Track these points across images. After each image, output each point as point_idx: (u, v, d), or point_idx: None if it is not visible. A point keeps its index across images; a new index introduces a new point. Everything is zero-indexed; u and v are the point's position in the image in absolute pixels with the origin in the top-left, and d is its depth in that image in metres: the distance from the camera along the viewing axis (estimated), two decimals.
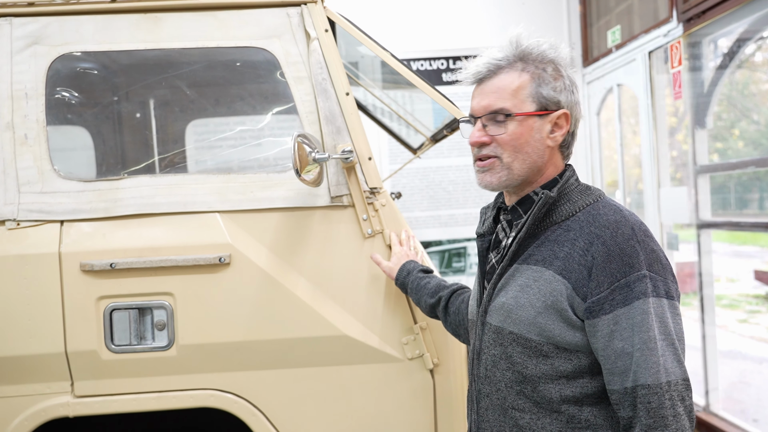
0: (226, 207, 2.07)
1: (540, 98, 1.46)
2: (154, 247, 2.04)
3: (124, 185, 2.07)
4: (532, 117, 1.47)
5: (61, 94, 2.36)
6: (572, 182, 1.50)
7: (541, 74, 1.46)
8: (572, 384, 1.41)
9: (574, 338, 1.40)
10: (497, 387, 1.49)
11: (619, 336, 1.34)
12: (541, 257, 1.44)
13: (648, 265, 1.35)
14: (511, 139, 1.47)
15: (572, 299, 1.38)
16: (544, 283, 1.42)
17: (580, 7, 5.38)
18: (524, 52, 1.48)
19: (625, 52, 4.65)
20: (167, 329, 2.04)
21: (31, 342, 2.01)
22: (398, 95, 3.35)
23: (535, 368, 1.43)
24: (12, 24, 2.06)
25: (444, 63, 5.35)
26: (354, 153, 2.04)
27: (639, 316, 1.33)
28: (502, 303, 1.48)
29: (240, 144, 3.00)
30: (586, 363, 1.41)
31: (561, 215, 1.46)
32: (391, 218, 2.12)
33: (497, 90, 1.48)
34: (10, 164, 2.03)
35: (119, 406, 2.06)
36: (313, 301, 2.07)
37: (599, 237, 1.38)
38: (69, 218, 2.05)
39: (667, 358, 1.32)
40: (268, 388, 2.08)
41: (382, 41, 5.23)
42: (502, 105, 1.47)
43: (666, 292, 1.36)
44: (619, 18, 4.90)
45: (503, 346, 1.47)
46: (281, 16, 2.12)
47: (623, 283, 1.34)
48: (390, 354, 2.09)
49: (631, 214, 1.44)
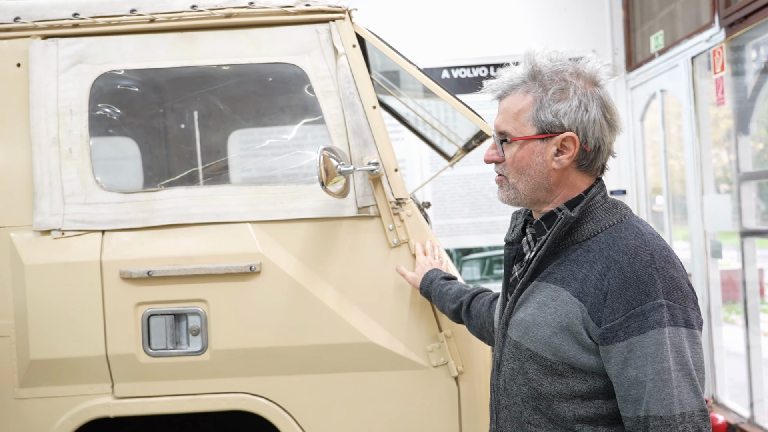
0: (257, 217, 2.15)
1: (539, 122, 1.45)
2: (188, 255, 2.13)
3: (160, 197, 2.17)
4: (532, 140, 1.46)
5: (102, 109, 2.49)
6: (598, 200, 1.47)
7: (543, 97, 1.44)
8: (587, 404, 1.41)
9: (588, 360, 1.39)
10: (515, 400, 1.50)
11: (633, 364, 1.32)
12: (560, 276, 1.43)
13: (666, 293, 1.33)
14: (513, 162, 1.49)
15: (587, 323, 1.37)
16: (560, 303, 1.41)
17: (623, 12, 5.34)
18: (535, 71, 1.46)
19: (668, 58, 4.59)
20: (201, 334, 2.13)
21: (74, 345, 2.12)
22: (436, 104, 3.40)
23: (549, 386, 1.43)
24: (58, 44, 2.18)
25: (485, 70, 5.37)
26: (380, 165, 2.10)
27: (653, 346, 1.31)
28: (521, 319, 1.48)
29: (271, 156, 3.09)
30: (601, 385, 1.40)
31: (583, 235, 1.45)
32: (416, 228, 2.16)
33: (503, 112, 1.50)
34: (56, 177, 2.15)
35: (156, 407, 2.16)
36: (341, 308, 2.13)
37: (617, 262, 1.36)
38: (109, 228, 2.15)
39: (683, 389, 1.30)
40: (297, 393, 2.15)
41: (424, 48, 5.28)
42: (505, 128, 1.49)
43: (685, 321, 1.33)
44: (662, 23, 4.84)
45: (521, 361, 1.48)
46: (310, 33, 2.19)
47: (638, 311, 1.32)
48: (415, 361, 2.14)
49: (655, 238, 1.41)
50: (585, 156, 1.46)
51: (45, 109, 2.16)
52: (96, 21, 2.18)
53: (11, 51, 2.19)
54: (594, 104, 1.44)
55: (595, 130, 1.44)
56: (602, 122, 1.45)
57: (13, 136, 2.17)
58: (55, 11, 2.18)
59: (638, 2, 5.25)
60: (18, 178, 2.16)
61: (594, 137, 1.45)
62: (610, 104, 1.47)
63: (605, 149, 1.48)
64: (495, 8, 5.40)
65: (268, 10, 2.18)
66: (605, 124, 1.46)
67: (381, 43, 2.26)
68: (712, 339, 4.24)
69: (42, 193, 2.14)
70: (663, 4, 4.86)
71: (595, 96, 1.45)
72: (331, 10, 2.18)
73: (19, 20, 2.18)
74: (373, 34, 2.25)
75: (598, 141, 1.45)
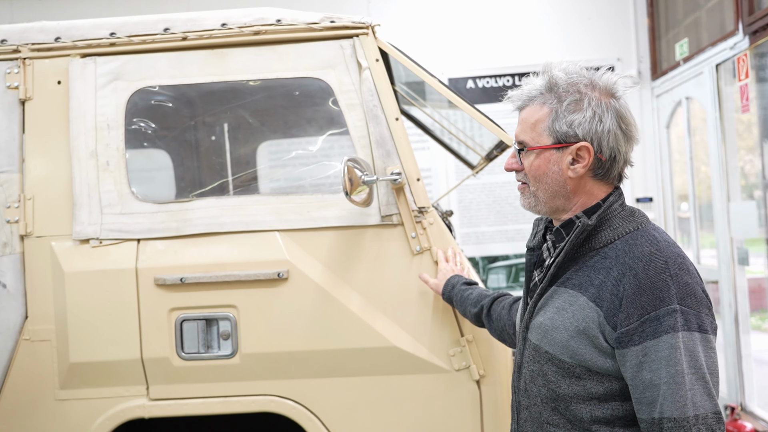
0: (285, 226, 2.24)
1: (555, 132, 1.50)
2: (219, 263, 2.22)
3: (193, 206, 2.26)
4: (548, 150, 1.52)
5: (138, 124, 2.60)
6: (615, 208, 1.52)
7: (559, 108, 1.50)
8: (603, 406, 1.46)
9: (605, 363, 1.44)
10: (534, 401, 1.55)
11: (648, 368, 1.37)
12: (578, 282, 1.49)
13: (680, 299, 1.37)
14: (531, 170, 1.55)
15: (603, 327, 1.43)
16: (578, 308, 1.46)
17: (648, 20, 5.35)
18: (552, 82, 1.52)
19: (693, 65, 4.61)
20: (231, 339, 2.22)
21: (111, 349, 2.22)
22: (460, 114, 3.46)
23: (567, 388, 1.48)
24: (96, 63, 2.29)
25: (510, 80, 5.42)
26: (403, 175, 2.17)
27: (667, 350, 1.35)
28: (540, 323, 1.54)
29: (297, 167, 3.18)
30: (618, 387, 1.45)
31: (600, 242, 1.50)
32: (438, 236, 2.23)
33: (522, 122, 1.56)
34: (94, 188, 2.26)
35: (189, 408, 2.25)
36: (365, 314, 2.20)
37: (632, 269, 1.41)
38: (144, 237, 2.26)
39: (696, 392, 1.34)
40: (324, 395, 2.22)
41: (449, 58, 5.35)
42: (522, 138, 1.55)
43: (699, 326, 1.37)
44: (687, 31, 4.85)
45: (540, 364, 1.54)
46: (335, 48, 2.27)
47: (653, 316, 1.37)
48: (438, 365, 2.20)
49: (670, 245, 1.45)
50: (600, 165, 1.51)
51: (84, 124, 2.27)
52: (131, 40, 2.29)
53: (52, 69, 2.31)
54: (609, 115, 1.49)
55: (610, 140, 1.49)
56: (617, 132, 1.49)
57: (54, 150, 2.29)
58: (93, 31, 2.30)
59: (663, 10, 5.26)
60: (58, 189, 2.28)
61: (609, 147, 1.49)
62: (626, 115, 1.51)
63: (621, 159, 1.52)
64: (520, 18, 5.45)
65: (294, 27, 2.27)
66: (620, 135, 1.50)
67: (403, 57, 2.33)
68: (740, 346, 4.23)
69: (81, 204, 2.25)
70: (687, 11, 4.87)
71: (611, 107, 1.49)
72: (355, 26, 2.27)
73: (59, 40, 2.30)
74: (396, 48, 2.33)
75: (614, 151, 1.50)
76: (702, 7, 4.65)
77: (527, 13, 5.45)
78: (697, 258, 4.80)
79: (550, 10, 5.45)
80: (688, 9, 4.86)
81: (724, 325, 4.30)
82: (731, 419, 4.00)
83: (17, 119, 2.30)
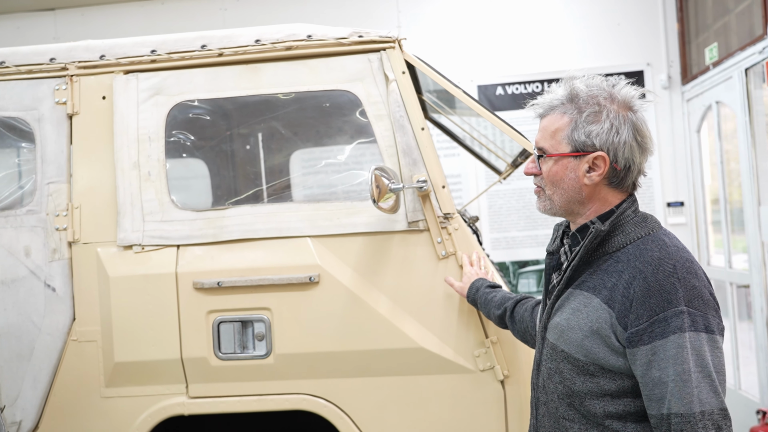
0: (316, 232, 2.34)
1: (573, 141, 1.59)
2: (254, 267, 2.33)
3: (229, 214, 2.38)
4: (566, 157, 1.60)
5: (177, 136, 2.73)
6: (628, 214, 1.60)
7: (578, 119, 1.58)
8: (616, 402, 1.53)
9: (617, 362, 1.52)
10: (551, 397, 1.64)
11: (657, 366, 1.44)
12: (592, 284, 1.57)
13: (687, 301, 1.45)
14: (548, 176, 1.64)
15: (615, 327, 1.51)
16: (592, 309, 1.55)
17: (677, 25, 5.36)
18: (573, 94, 1.60)
19: (722, 69, 4.61)
20: (266, 340, 2.32)
21: (152, 349, 2.35)
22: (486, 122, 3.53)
23: (582, 385, 1.56)
24: (138, 78, 2.43)
25: (539, 86, 5.46)
26: (428, 182, 2.26)
27: (674, 349, 1.42)
28: (557, 323, 1.63)
29: (328, 176, 3.29)
30: (629, 384, 1.52)
31: (613, 246, 1.58)
32: (463, 241, 2.31)
33: (543, 129, 1.65)
34: (137, 197, 2.39)
35: (226, 406, 2.36)
36: (393, 316, 2.29)
37: (642, 272, 1.48)
38: (184, 243, 2.38)
39: (702, 389, 1.41)
40: (354, 394, 2.32)
41: (478, 65, 5.40)
42: (542, 145, 1.64)
43: (705, 327, 1.44)
44: (716, 35, 4.86)
45: (557, 362, 1.62)
46: (363, 62, 2.37)
47: (661, 317, 1.44)
48: (463, 366, 2.28)
49: (680, 250, 1.52)
50: (615, 174, 1.59)
51: (127, 137, 2.40)
52: (171, 56, 2.42)
53: (97, 85, 2.45)
54: (625, 127, 1.57)
55: (626, 151, 1.57)
56: (633, 144, 1.58)
57: (99, 161, 2.43)
58: (135, 48, 2.44)
59: (692, 15, 5.27)
60: (104, 198, 2.42)
61: (624, 157, 1.58)
62: (642, 128, 1.59)
63: (635, 169, 1.61)
64: (549, 25, 5.49)
65: (324, 42, 2.38)
66: (636, 146, 1.58)
67: (427, 68, 2.42)
68: None
69: (125, 212, 2.38)
70: (717, 16, 4.87)
71: (627, 120, 1.58)
72: (382, 40, 2.37)
73: (104, 57, 2.44)
74: (421, 60, 2.42)
75: (628, 161, 1.58)
76: (731, 11, 4.65)
77: (556, 20, 5.49)
78: (729, 262, 4.79)
79: (579, 17, 5.48)
80: (717, 13, 4.87)
81: (756, 329, 4.29)
82: (762, 423, 3.99)
83: (65, 133, 2.44)
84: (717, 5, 4.87)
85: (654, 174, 5.36)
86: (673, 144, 5.39)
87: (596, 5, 5.48)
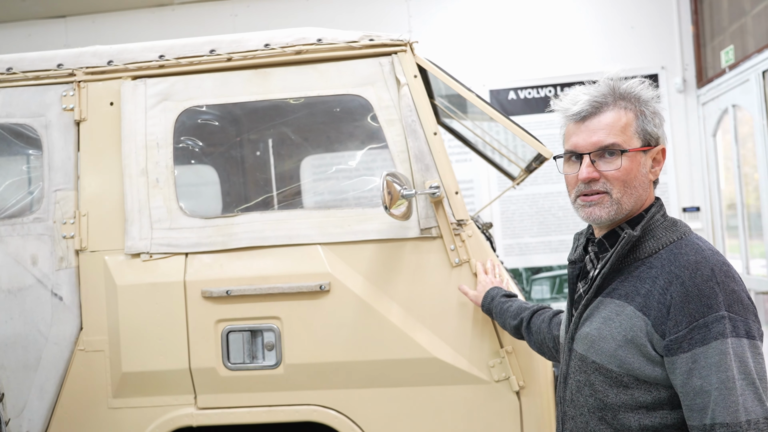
0: (326, 239, 2.29)
1: (644, 134, 1.54)
2: (263, 276, 2.29)
3: (238, 221, 2.34)
4: (639, 152, 1.54)
5: (185, 142, 2.69)
6: (658, 218, 1.55)
7: (643, 111, 1.54)
8: (652, 415, 1.47)
9: (653, 372, 1.46)
10: (581, 411, 1.57)
11: (698, 374, 1.38)
12: (624, 292, 1.51)
13: (727, 305, 1.39)
14: (622, 175, 1.52)
15: (651, 335, 1.44)
16: (625, 317, 1.49)
17: (692, 27, 5.29)
18: (623, 92, 1.55)
19: (739, 72, 4.54)
20: (275, 350, 2.28)
21: (161, 359, 2.30)
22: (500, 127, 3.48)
23: (615, 397, 1.50)
24: (146, 84, 2.40)
25: (552, 90, 5.41)
26: (441, 188, 2.21)
27: (717, 356, 1.37)
28: (587, 333, 1.56)
29: (339, 182, 3.25)
30: (666, 395, 1.46)
31: (644, 252, 1.52)
32: (477, 248, 2.26)
33: (605, 127, 1.53)
34: (144, 204, 2.35)
35: (235, 417, 2.31)
36: (405, 325, 2.24)
37: (678, 277, 1.43)
38: (192, 251, 2.34)
39: (747, 397, 1.35)
40: (366, 405, 2.26)
41: (490, 70, 5.35)
42: (614, 140, 1.52)
43: (747, 332, 1.39)
44: (732, 37, 4.79)
45: (587, 374, 1.56)
46: (374, 66, 2.33)
47: (701, 323, 1.38)
48: (478, 376, 2.22)
49: (715, 254, 1.47)
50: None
51: (135, 143, 2.37)
52: (179, 62, 2.39)
53: (105, 91, 2.42)
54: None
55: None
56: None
57: (107, 168, 2.39)
58: (143, 54, 2.40)
59: (708, 17, 5.20)
60: (111, 206, 2.38)
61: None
62: None
63: None
64: (562, 29, 5.44)
65: (334, 46, 2.34)
66: None
67: (440, 72, 2.38)
68: None
69: (132, 220, 2.34)
70: (733, 18, 4.80)
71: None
72: (393, 43, 2.32)
73: (112, 63, 2.41)
74: (433, 64, 2.37)
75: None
76: (748, 13, 4.58)
77: (569, 24, 5.44)
78: (747, 268, 4.71)
79: (593, 20, 5.43)
80: (733, 16, 4.80)
81: None
82: None
83: (72, 139, 2.41)
84: (733, 7, 4.80)
85: (669, 179, 5.29)
86: (689, 148, 5.32)
87: (610, 8, 5.42)
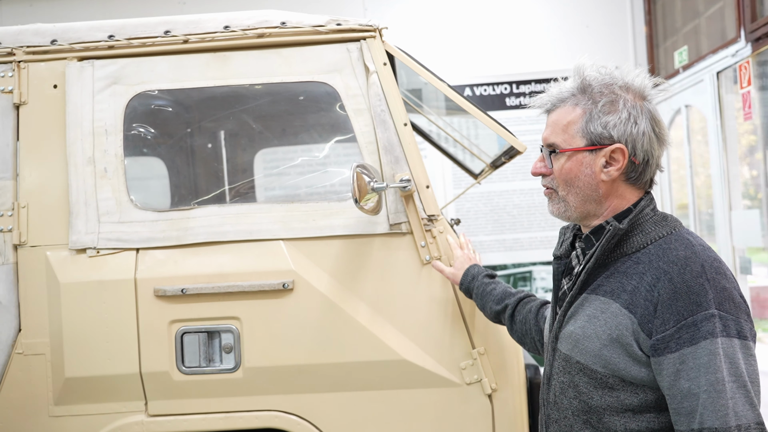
0: (290, 235, 2.16)
1: (589, 134, 1.46)
2: (222, 273, 2.14)
3: (194, 215, 2.18)
4: (581, 152, 1.47)
5: (137, 129, 2.52)
6: (647, 212, 1.48)
7: (593, 109, 1.46)
8: (638, 418, 1.40)
9: (639, 373, 1.38)
10: (565, 414, 1.50)
11: (686, 376, 1.31)
12: (610, 289, 1.44)
13: (718, 303, 1.32)
14: (561, 174, 1.51)
15: (637, 334, 1.37)
16: (610, 315, 1.41)
17: (645, 28, 5.33)
18: (585, 84, 1.49)
19: (693, 73, 4.58)
20: (234, 352, 2.13)
21: (108, 363, 2.13)
22: (461, 121, 3.41)
23: (600, 399, 1.43)
24: (94, 66, 2.22)
25: (507, 87, 5.37)
26: (412, 182, 2.10)
27: (706, 357, 1.30)
28: (571, 332, 1.49)
29: (303, 174, 3.11)
30: (653, 398, 1.39)
31: (632, 247, 1.45)
32: (447, 245, 2.16)
33: (552, 124, 1.52)
34: (91, 196, 2.18)
35: (189, 425, 2.16)
36: (373, 325, 2.12)
37: (666, 273, 1.36)
38: (144, 246, 2.17)
39: (738, 401, 1.28)
40: (330, 411, 2.14)
41: (446, 66, 5.29)
42: (554, 140, 1.51)
43: (738, 332, 1.32)
44: (686, 38, 4.83)
45: (571, 375, 1.48)
46: (341, 52, 2.21)
47: (690, 321, 1.31)
48: (448, 378, 2.12)
49: (706, 249, 1.40)
50: (634, 168, 1.47)
51: (81, 130, 2.19)
52: (131, 42, 2.22)
53: (48, 73, 2.23)
54: (643, 117, 1.46)
55: (644, 142, 1.46)
56: (651, 135, 1.46)
57: (49, 156, 2.21)
58: (91, 33, 2.23)
59: (661, 18, 5.24)
60: (54, 197, 2.19)
61: (643, 150, 1.46)
62: (659, 118, 1.49)
63: (653, 162, 1.49)
64: (518, 26, 5.41)
65: (299, 29, 2.21)
66: (654, 138, 1.47)
67: (411, 61, 2.27)
68: None
69: (78, 212, 2.16)
70: (687, 19, 4.85)
71: (644, 109, 1.47)
72: (362, 28, 2.21)
73: (56, 43, 2.22)
74: (404, 52, 2.26)
75: (647, 154, 1.47)
76: (702, 14, 4.63)
77: (525, 21, 5.42)
78: None
79: (548, 18, 5.42)
80: (687, 17, 4.84)
81: None
82: None
83: (11, 125, 2.22)
84: (686, 9, 4.84)
85: None
86: None
87: (565, 7, 5.42)
